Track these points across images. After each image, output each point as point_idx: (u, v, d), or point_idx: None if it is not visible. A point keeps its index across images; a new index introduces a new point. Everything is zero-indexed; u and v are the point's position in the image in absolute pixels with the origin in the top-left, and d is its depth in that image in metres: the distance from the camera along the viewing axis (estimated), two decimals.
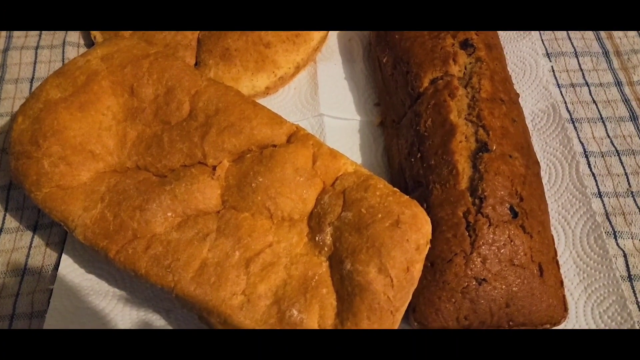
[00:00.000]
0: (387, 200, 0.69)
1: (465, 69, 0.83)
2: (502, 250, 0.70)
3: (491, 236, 0.70)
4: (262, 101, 0.94)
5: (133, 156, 0.76)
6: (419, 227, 0.67)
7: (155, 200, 0.71)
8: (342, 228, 0.68)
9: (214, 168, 0.74)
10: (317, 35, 0.98)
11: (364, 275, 0.65)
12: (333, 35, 1.05)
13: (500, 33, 0.99)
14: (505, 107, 0.80)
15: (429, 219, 0.69)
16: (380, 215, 0.67)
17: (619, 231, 0.83)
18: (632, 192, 0.86)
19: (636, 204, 0.85)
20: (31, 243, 0.84)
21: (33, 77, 1.00)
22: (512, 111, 0.81)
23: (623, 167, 0.89)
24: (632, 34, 1.04)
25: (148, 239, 0.70)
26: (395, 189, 0.71)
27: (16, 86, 0.99)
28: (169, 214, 0.71)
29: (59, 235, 0.84)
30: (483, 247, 0.70)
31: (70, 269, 0.80)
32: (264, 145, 0.74)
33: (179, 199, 0.71)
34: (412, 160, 0.79)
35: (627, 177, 0.88)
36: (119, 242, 0.70)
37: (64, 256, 0.81)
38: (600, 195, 0.86)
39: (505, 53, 0.93)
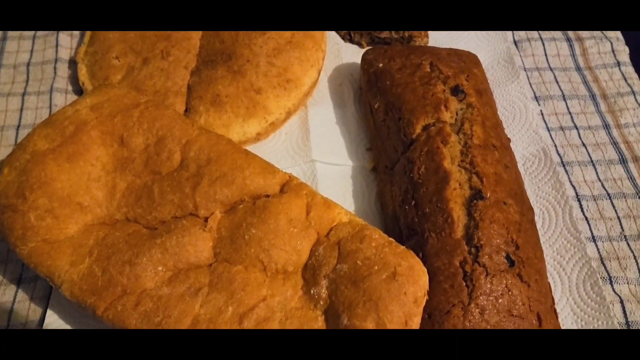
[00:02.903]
0: (383, 251, 0.67)
1: (457, 115, 0.83)
2: (500, 301, 0.69)
3: (489, 286, 0.69)
4: (253, 147, 0.93)
5: (122, 208, 0.75)
6: (416, 279, 0.66)
7: (146, 254, 0.69)
8: (338, 281, 0.67)
9: (206, 219, 0.72)
10: (308, 80, 0.98)
11: None
12: (323, 79, 1.05)
13: (489, 78, 1.00)
14: (497, 152, 0.80)
15: (425, 270, 0.68)
16: (376, 267, 0.66)
17: (615, 276, 0.82)
18: (625, 236, 0.86)
19: (630, 248, 0.85)
20: (15, 298, 0.81)
21: (19, 125, 0.98)
22: (504, 157, 0.81)
23: (615, 210, 0.89)
24: (617, 77, 1.05)
25: (138, 294, 0.68)
26: (390, 239, 0.70)
27: (2, 134, 0.97)
28: (160, 268, 0.69)
29: (43, 290, 0.81)
30: (481, 297, 0.69)
31: (55, 325, 0.77)
32: (257, 196, 0.73)
33: (170, 252, 0.69)
34: (407, 207, 0.78)
35: (620, 221, 0.88)
36: (108, 299, 0.68)
37: (49, 311, 0.78)
38: (594, 239, 0.86)
39: (494, 97, 0.94)
